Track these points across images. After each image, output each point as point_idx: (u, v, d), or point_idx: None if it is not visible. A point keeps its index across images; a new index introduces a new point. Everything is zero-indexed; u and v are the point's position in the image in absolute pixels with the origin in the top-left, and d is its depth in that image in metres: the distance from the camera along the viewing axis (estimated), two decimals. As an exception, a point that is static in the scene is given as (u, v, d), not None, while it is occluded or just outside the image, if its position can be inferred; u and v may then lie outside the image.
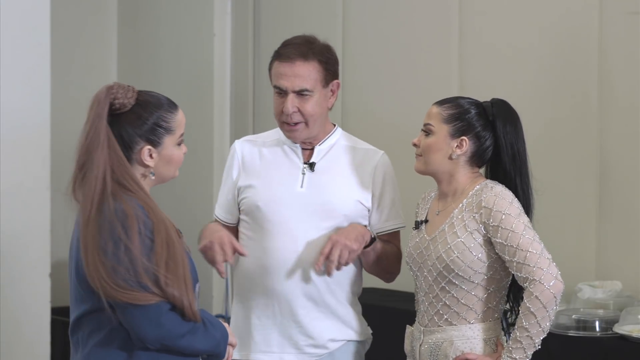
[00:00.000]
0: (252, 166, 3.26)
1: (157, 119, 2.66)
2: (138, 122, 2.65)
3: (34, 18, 4.86)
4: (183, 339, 2.58)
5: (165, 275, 2.53)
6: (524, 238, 2.86)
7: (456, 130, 3.00)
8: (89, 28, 6.83)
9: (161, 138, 2.67)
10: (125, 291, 2.51)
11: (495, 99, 3.06)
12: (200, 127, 6.23)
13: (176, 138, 2.70)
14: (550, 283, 2.82)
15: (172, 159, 2.69)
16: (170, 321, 2.56)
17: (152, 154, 2.66)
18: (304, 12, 5.91)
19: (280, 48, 3.20)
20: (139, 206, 2.57)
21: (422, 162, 3.05)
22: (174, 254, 2.57)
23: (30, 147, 4.85)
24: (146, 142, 2.65)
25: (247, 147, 3.30)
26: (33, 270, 4.86)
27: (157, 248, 2.54)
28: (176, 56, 6.55)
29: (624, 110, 4.38)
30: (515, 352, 2.85)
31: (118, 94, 2.64)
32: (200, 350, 2.64)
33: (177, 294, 2.55)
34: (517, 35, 4.79)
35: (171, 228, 2.62)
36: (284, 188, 3.20)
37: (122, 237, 2.52)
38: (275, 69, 3.18)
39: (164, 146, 2.67)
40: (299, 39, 3.21)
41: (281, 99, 3.17)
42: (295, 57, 3.15)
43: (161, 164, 2.69)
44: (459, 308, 2.96)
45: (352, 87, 5.54)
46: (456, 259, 2.92)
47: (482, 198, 2.93)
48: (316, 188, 3.20)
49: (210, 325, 2.65)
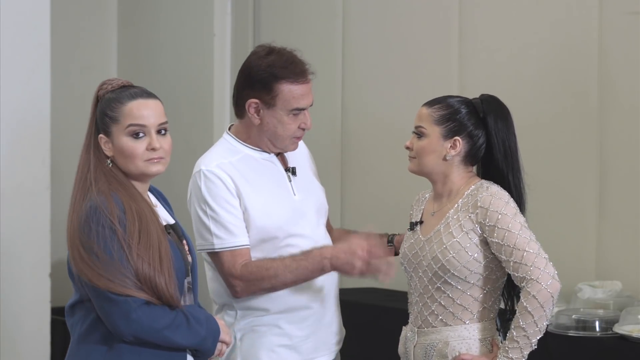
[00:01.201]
0: (245, 189, 3.13)
1: (105, 108, 2.70)
2: (99, 110, 2.72)
3: (34, 18, 4.86)
4: (159, 333, 2.60)
5: (137, 252, 2.57)
6: (521, 238, 2.86)
7: (448, 131, 2.99)
8: (89, 28, 6.83)
9: (108, 127, 2.70)
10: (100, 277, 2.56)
11: (484, 95, 3.05)
12: (200, 127, 6.23)
13: (123, 128, 2.68)
14: (547, 282, 2.82)
15: (122, 150, 2.69)
16: (144, 316, 2.58)
17: (107, 144, 2.70)
18: (304, 12, 5.91)
19: (285, 70, 3.11)
20: (115, 198, 2.62)
21: (415, 164, 3.04)
22: (149, 235, 2.60)
23: (30, 147, 4.85)
24: (101, 131, 2.71)
25: (228, 170, 3.13)
26: (33, 270, 4.86)
27: (129, 230, 2.58)
28: (176, 56, 6.55)
29: (624, 110, 4.38)
30: (511, 351, 2.85)
31: (104, 85, 2.72)
32: (181, 345, 2.65)
33: (147, 270, 2.57)
34: (517, 35, 4.79)
35: (152, 221, 2.65)
36: (287, 201, 3.19)
37: (93, 232, 2.58)
38: (295, 91, 3.11)
39: (114, 136, 2.69)
40: (292, 56, 3.16)
41: (297, 118, 3.14)
42: (307, 74, 3.15)
43: (117, 155, 2.70)
44: (454, 308, 2.95)
45: (352, 87, 5.54)
46: (452, 259, 2.92)
47: (477, 198, 2.93)
48: (305, 192, 3.23)
49: (195, 322, 2.66)
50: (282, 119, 3.12)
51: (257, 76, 3.12)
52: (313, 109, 3.25)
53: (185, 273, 2.74)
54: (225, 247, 3.09)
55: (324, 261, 3.01)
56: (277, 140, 3.16)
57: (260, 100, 3.12)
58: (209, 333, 2.69)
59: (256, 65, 3.14)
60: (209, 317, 2.74)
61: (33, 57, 4.86)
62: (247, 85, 3.15)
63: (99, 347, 2.64)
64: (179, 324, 2.63)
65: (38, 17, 4.87)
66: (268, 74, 3.11)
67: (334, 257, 3.00)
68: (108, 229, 2.58)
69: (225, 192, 3.10)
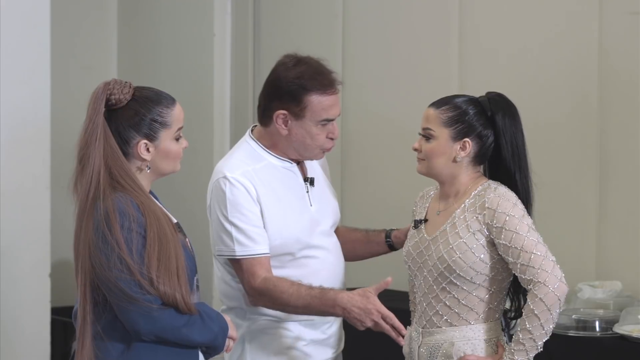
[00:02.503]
0: (266, 198, 3.14)
1: (153, 114, 2.71)
2: (134, 117, 2.70)
3: (34, 18, 4.85)
4: (178, 331, 2.64)
5: (157, 274, 2.59)
6: (528, 240, 2.85)
7: (457, 133, 2.97)
8: (89, 27, 6.83)
9: (157, 132, 2.72)
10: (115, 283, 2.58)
11: (492, 93, 3.03)
12: (200, 127, 6.23)
13: (173, 132, 2.74)
14: (554, 285, 2.81)
15: (169, 153, 2.74)
16: (164, 315, 2.61)
17: (148, 148, 2.72)
18: (304, 12, 5.90)
19: (314, 82, 3.09)
20: (132, 203, 2.63)
21: (424, 166, 3.02)
22: (167, 248, 2.62)
23: (30, 147, 4.85)
24: (142, 136, 2.71)
25: (251, 179, 3.13)
26: (33, 270, 4.86)
27: (150, 243, 2.60)
28: (176, 56, 6.54)
29: (624, 110, 4.38)
30: (517, 353, 2.84)
31: (114, 89, 2.70)
32: (197, 342, 2.69)
33: (168, 291, 2.60)
34: (517, 36, 4.79)
35: (165, 222, 2.67)
36: (305, 212, 3.20)
37: (110, 235, 2.59)
38: (324, 102, 3.10)
39: (160, 140, 2.73)
40: (320, 66, 3.14)
41: (326, 128, 3.13)
42: (335, 84, 3.14)
43: (158, 158, 2.74)
44: (459, 309, 2.95)
45: (352, 87, 5.54)
46: (458, 259, 2.91)
47: (485, 199, 2.91)
48: (319, 203, 3.24)
49: (208, 318, 2.70)
50: (310, 130, 3.11)
51: (285, 88, 3.10)
52: (312, 109, 3.24)
53: (195, 270, 2.78)
54: (246, 255, 3.09)
55: (337, 308, 3.00)
56: (305, 150, 3.16)
57: (289, 112, 3.10)
58: (220, 329, 2.73)
59: (284, 77, 3.11)
60: (218, 313, 2.79)
61: (33, 57, 4.85)
62: (275, 97, 3.12)
63: (118, 345, 2.66)
64: (195, 321, 2.67)
65: (38, 17, 4.86)
66: (297, 85, 3.09)
67: (347, 309, 2.98)
68: (134, 232, 2.60)
69: (248, 200, 3.10)
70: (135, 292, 2.58)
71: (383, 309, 2.93)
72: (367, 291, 2.98)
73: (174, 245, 2.65)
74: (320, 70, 3.12)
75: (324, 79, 3.11)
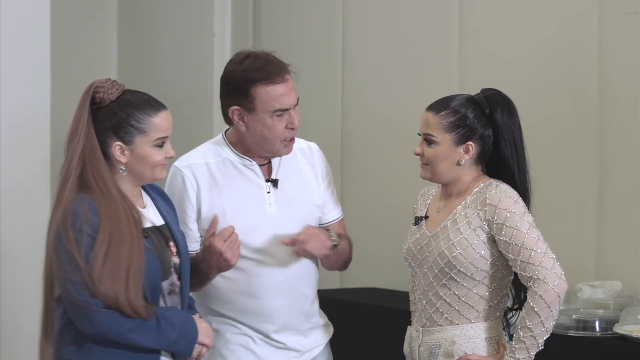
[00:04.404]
0: (211, 193, 3.12)
1: (129, 118, 2.72)
2: (112, 119, 2.72)
3: (34, 18, 4.86)
4: (123, 336, 2.63)
5: (100, 277, 2.58)
6: (529, 237, 2.85)
7: (460, 137, 2.97)
8: (89, 28, 6.83)
9: (133, 137, 2.73)
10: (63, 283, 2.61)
11: (488, 91, 3.03)
12: (200, 127, 6.23)
13: (151, 140, 2.74)
14: (554, 282, 2.81)
15: (145, 159, 2.74)
16: (104, 318, 2.60)
17: (124, 152, 2.73)
18: (304, 12, 5.91)
19: (259, 72, 3.07)
20: (90, 205, 2.64)
21: (429, 171, 3.02)
22: (118, 251, 2.62)
23: (30, 147, 4.85)
24: (118, 139, 2.72)
25: (196, 172, 3.13)
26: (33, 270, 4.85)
27: (97, 245, 2.60)
28: (176, 56, 6.55)
29: (624, 110, 4.38)
30: (518, 352, 2.84)
31: (101, 88, 2.74)
32: (148, 347, 2.66)
33: (110, 293, 2.59)
34: (517, 35, 4.79)
35: (126, 226, 2.65)
36: (255, 213, 3.15)
37: (64, 235, 2.62)
38: (272, 92, 3.06)
39: (136, 145, 2.73)
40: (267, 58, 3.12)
41: (282, 119, 3.09)
42: (283, 73, 3.10)
43: (134, 162, 2.75)
44: (460, 306, 2.95)
45: (352, 86, 5.54)
46: (459, 255, 2.91)
47: (486, 195, 2.92)
48: (285, 206, 3.17)
49: (166, 324, 2.67)
50: (266, 122, 3.08)
51: (233, 83, 3.10)
52: (313, 109, 3.24)
53: (163, 276, 2.75)
54: None
55: (205, 272, 3.04)
56: (266, 144, 3.12)
57: (241, 107, 3.09)
58: (182, 336, 2.70)
59: (232, 72, 3.12)
60: (187, 320, 2.75)
61: (33, 57, 4.85)
62: (226, 93, 3.13)
63: (70, 347, 2.67)
64: (148, 326, 2.64)
65: (38, 17, 4.87)
66: (243, 79, 3.08)
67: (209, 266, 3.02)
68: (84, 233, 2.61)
69: (182, 194, 3.11)
70: (77, 294, 2.59)
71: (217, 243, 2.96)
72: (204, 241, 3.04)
73: (129, 248, 2.63)
74: (267, 61, 3.10)
75: (270, 68, 3.08)
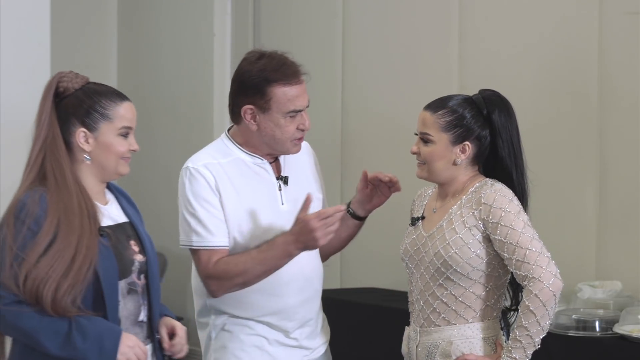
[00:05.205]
0: (228, 193, 3.12)
1: (93, 103, 2.71)
2: (76, 105, 2.71)
3: (34, 18, 4.86)
4: (25, 334, 2.58)
5: (28, 272, 2.54)
6: (524, 236, 2.86)
7: (457, 137, 2.97)
8: (89, 28, 6.84)
9: (97, 123, 2.71)
10: None
11: (486, 92, 3.03)
12: (200, 127, 6.23)
13: (116, 128, 2.72)
14: (549, 281, 2.81)
15: (109, 147, 2.72)
16: (9, 313, 2.56)
17: (88, 139, 2.71)
18: (304, 12, 5.91)
19: (277, 73, 3.08)
20: (41, 198, 2.62)
21: (425, 170, 3.02)
22: (64, 242, 2.58)
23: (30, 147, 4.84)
24: (82, 125, 2.70)
25: (214, 172, 3.12)
26: (33, 270, 4.86)
27: (37, 241, 2.56)
28: (176, 56, 6.55)
29: (624, 110, 4.38)
30: (515, 351, 2.85)
31: (65, 78, 2.73)
32: (52, 352, 2.59)
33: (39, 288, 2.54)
34: (517, 35, 4.79)
35: (78, 223, 2.62)
36: (270, 211, 3.16)
37: (6, 226, 2.60)
38: (288, 93, 3.08)
39: (100, 132, 2.71)
40: (283, 58, 3.13)
41: (294, 120, 3.11)
42: (299, 74, 3.11)
43: (99, 150, 2.72)
44: (456, 306, 2.95)
45: (352, 86, 5.55)
46: (454, 255, 2.91)
47: (481, 194, 2.92)
48: (295, 203, 3.16)
49: (78, 334, 2.59)
50: (279, 122, 3.10)
51: (249, 82, 3.10)
52: (313, 109, 3.24)
53: (121, 274, 2.70)
54: (203, 246, 3.09)
55: (289, 247, 3.01)
56: (276, 144, 3.14)
57: (255, 106, 3.09)
58: (92, 349, 2.59)
59: (248, 71, 3.11)
60: (105, 334, 2.63)
61: (33, 57, 4.85)
62: (240, 92, 3.12)
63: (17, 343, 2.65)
64: (56, 329, 2.57)
65: (38, 17, 4.87)
66: (260, 78, 3.08)
67: (297, 240, 3.00)
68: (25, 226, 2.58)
69: (207, 191, 3.10)
70: None
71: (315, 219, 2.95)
72: (296, 219, 3.02)
73: (77, 239, 2.59)
74: (283, 62, 3.11)
75: (287, 69, 3.09)
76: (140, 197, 6.94)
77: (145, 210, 7.24)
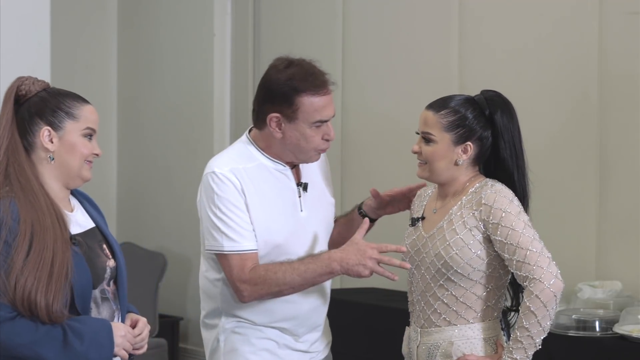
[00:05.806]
0: (251, 196, 3.11)
1: (58, 102, 2.69)
2: (40, 104, 2.68)
3: (34, 18, 4.86)
4: (25, 348, 2.54)
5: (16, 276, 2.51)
6: (524, 236, 2.85)
7: (459, 137, 2.97)
8: (89, 28, 6.84)
9: (62, 122, 2.68)
10: None
11: (488, 93, 3.03)
12: (200, 127, 6.23)
13: (80, 128, 2.69)
14: (550, 282, 2.81)
15: (74, 146, 2.69)
16: (3, 333, 2.52)
17: (52, 139, 2.68)
18: (304, 12, 5.91)
19: (306, 82, 3.05)
20: (12, 207, 2.58)
21: (426, 170, 3.02)
22: (40, 249, 2.55)
23: (30, 147, 4.85)
24: (46, 123, 2.68)
25: (240, 177, 3.10)
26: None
27: (18, 244, 2.53)
28: (176, 56, 6.55)
29: (624, 110, 4.39)
30: (515, 352, 2.84)
31: (26, 81, 2.71)
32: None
33: (27, 289, 2.51)
34: (517, 35, 4.79)
35: (50, 230, 2.59)
36: (292, 218, 3.15)
37: None
38: (316, 103, 3.05)
39: (65, 131, 2.69)
40: (312, 67, 3.11)
41: (320, 130, 3.09)
42: (327, 84, 3.09)
43: (63, 150, 2.69)
44: (457, 307, 2.95)
45: (352, 86, 5.55)
46: (455, 255, 2.91)
47: (482, 195, 2.92)
48: (312, 209, 3.18)
49: (74, 337, 2.58)
50: (304, 132, 3.07)
51: (277, 90, 3.06)
52: (313, 109, 3.24)
53: (95, 282, 2.68)
54: (235, 250, 3.06)
55: (333, 264, 2.98)
56: (300, 153, 3.12)
57: (282, 114, 3.06)
58: (91, 349, 2.58)
59: (276, 79, 3.07)
60: (98, 329, 2.63)
61: (33, 57, 4.85)
62: (267, 100, 3.09)
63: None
64: (53, 338, 2.55)
65: (38, 17, 4.87)
66: (288, 87, 3.04)
67: (344, 259, 2.98)
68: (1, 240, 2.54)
69: (236, 196, 3.07)
70: None
71: (374, 248, 2.95)
72: (353, 239, 3.00)
73: (52, 247, 2.57)
74: (311, 72, 3.08)
75: (315, 79, 3.06)
76: (140, 197, 6.97)
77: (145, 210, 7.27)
